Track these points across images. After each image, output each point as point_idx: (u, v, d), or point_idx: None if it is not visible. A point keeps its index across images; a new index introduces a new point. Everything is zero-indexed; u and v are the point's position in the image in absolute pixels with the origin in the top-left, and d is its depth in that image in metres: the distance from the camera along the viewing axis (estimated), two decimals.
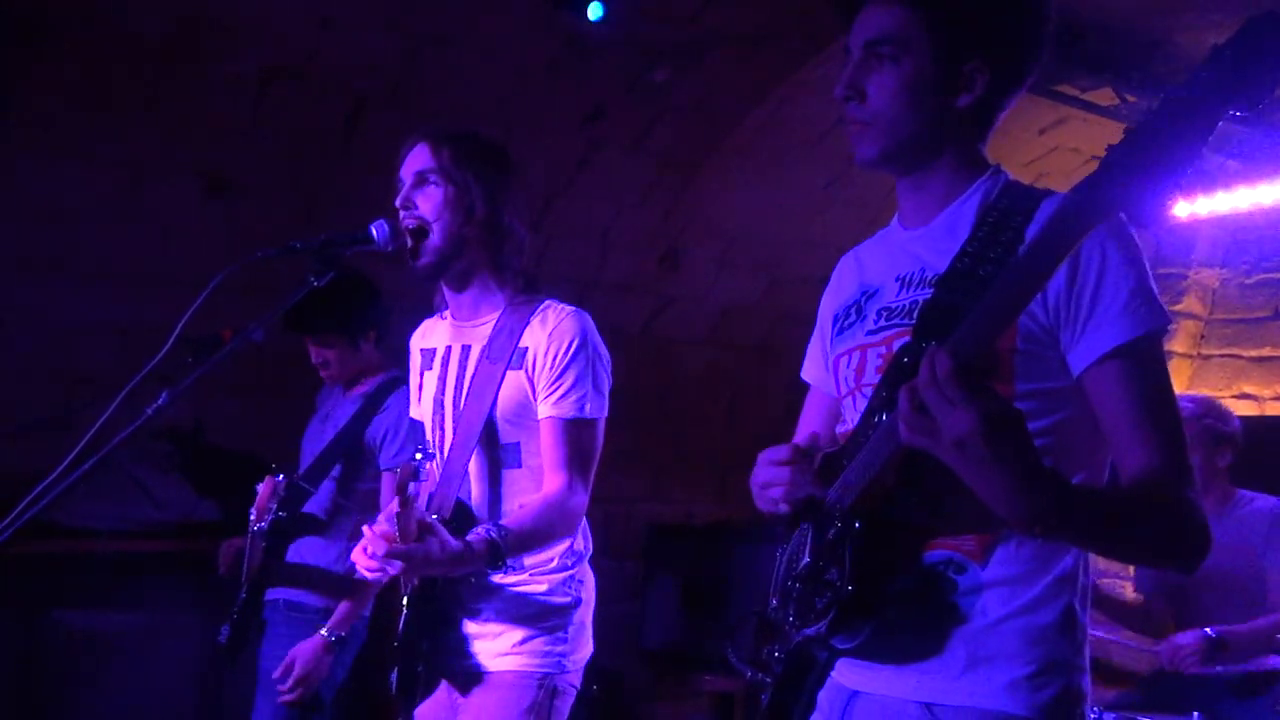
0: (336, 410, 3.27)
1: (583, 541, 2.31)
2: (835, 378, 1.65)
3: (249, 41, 3.41)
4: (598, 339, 2.25)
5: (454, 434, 2.22)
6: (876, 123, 1.50)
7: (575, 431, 2.16)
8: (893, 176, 1.59)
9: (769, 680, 1.54)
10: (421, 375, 2.36)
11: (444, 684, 2.21)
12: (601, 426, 2.23)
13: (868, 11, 1.51)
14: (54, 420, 3.24)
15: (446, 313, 2.34)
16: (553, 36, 3.64)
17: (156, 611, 3.56)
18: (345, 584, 3.03)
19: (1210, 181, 4.89)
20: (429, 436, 2.31)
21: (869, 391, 1.50)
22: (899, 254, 1.57)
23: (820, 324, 1.80)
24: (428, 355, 2.35)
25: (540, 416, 2.16)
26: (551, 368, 2.16)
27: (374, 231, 2.10)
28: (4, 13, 3.07)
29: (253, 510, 2.91)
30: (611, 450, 2.77)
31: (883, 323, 1.54)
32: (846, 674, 1.50)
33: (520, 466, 2.19)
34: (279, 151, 3.76)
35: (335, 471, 3.17)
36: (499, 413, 2.17)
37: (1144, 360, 1.36)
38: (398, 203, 2.19)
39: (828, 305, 1.77)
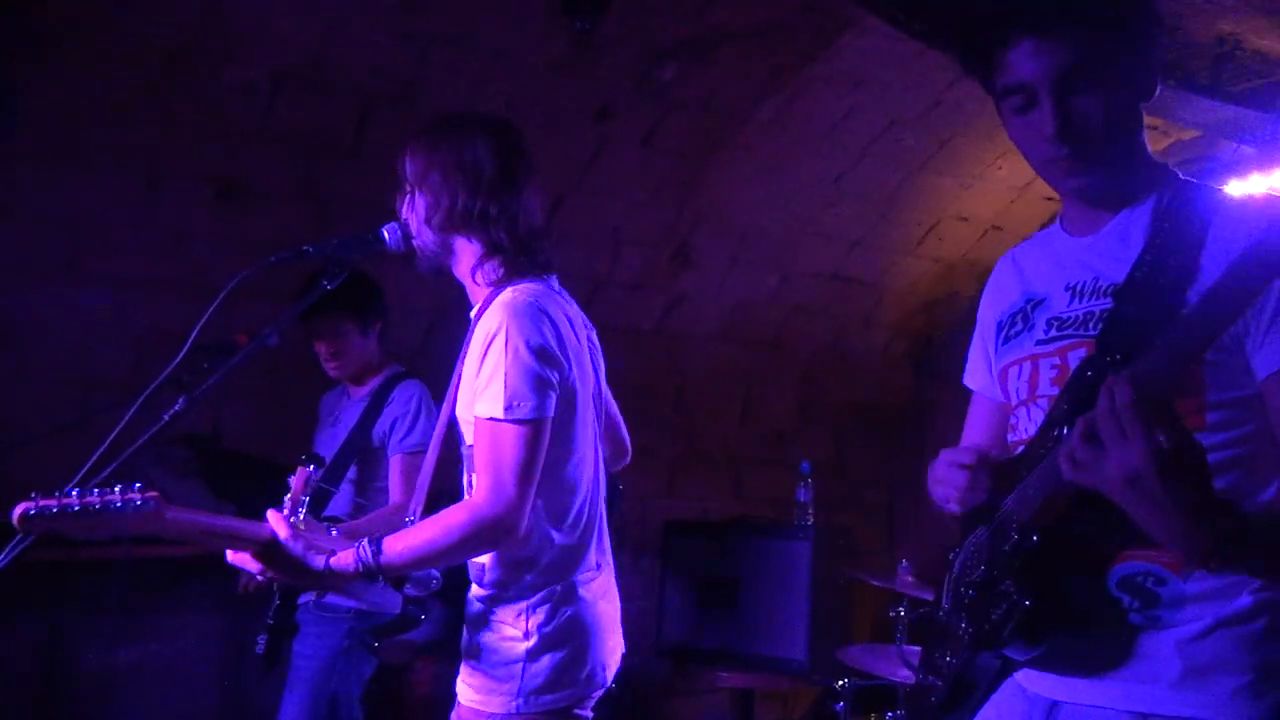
0: (345, 413, 3.30)
1: (561, 568, 2.05)
2: (1004, 387, 1.63)
3: (258, 46, 3.42)
4: (520, 328, 1.95)
5: (437, 429, 2.17)
6: (1088, 153, 1.44)
7: (493, 434, 1.91)
8: (1090, 199, 1.53)
9: (939, 684, 1.52)
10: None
11: None
12: (537, 428, 1.92)
13: (1035, 44, 1.42)
14: (69, 426, 3.25)
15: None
16: (561, 36, 3.64)
17: (177, 617, 3.58)
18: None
19: (1226, 170, 4.86)
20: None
21: (1045, 403, 1.49)
22: (1067, 261, 1.53)
23: (981, 329, 1.76)
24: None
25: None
26: (474, 365, 1.98)
27: (385, 234, 2.11)
28: (15, 21, 3.09)
29: (286, 501, 2.91)
30: None
31: (1054, 333, 1.51)
32: (1040, 683, 1.48)
33: None
34: (289, 155, 3.77)
35: (352, 473, 3.20)
36: (458, 414, 2.06)
37: None
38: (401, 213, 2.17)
39: (988, 311, 1.73)
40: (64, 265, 3.66)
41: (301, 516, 2.16)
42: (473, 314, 2.14)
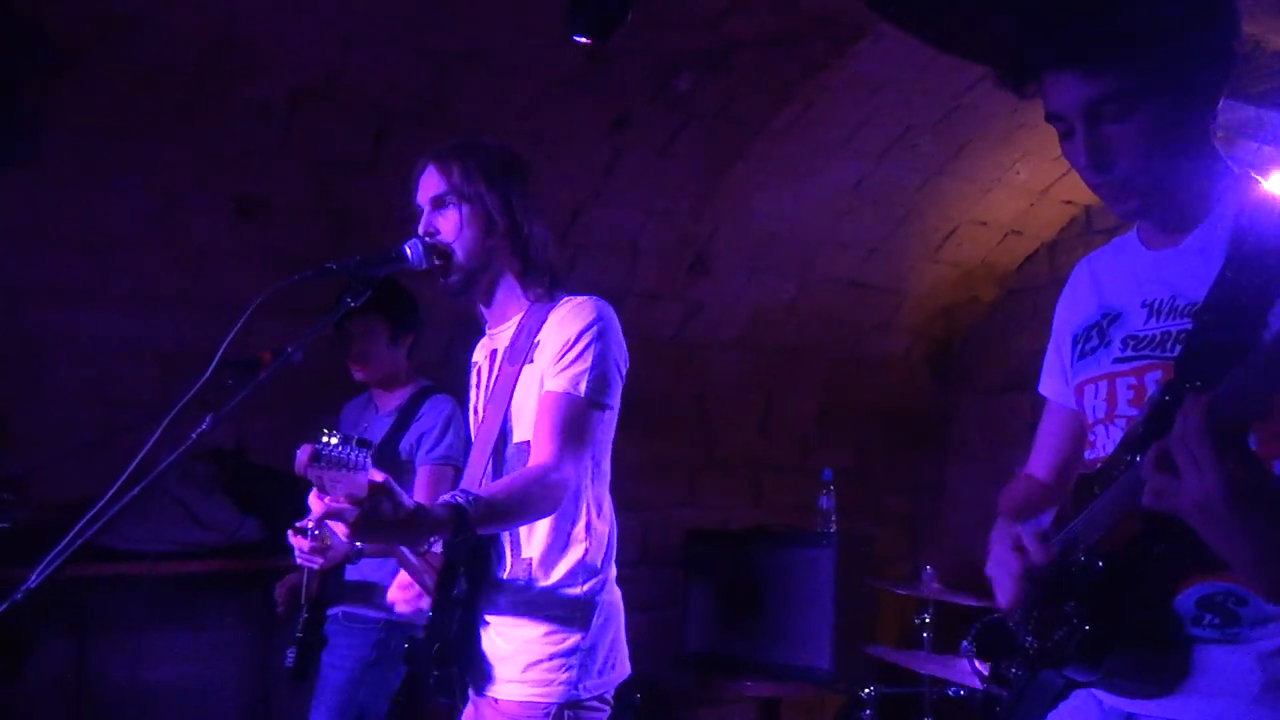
0: (372, 428, 3.31)
1: (601, 557, 2.16)
2: (1080, 402, 1.61)
3: (276, 64, 3.45)
4: (614, 327, 2.17)
5: (476, 439, 2.21)
6: (1132, 181, 1.43)
7: (570, 406, 2.04)
8: (1151, 220, 1.52)
9: (1005, 696, 1.52)
10: (469, 393, 2.37)
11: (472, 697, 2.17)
12: (605, 416, 2.11)
13: (1066, 76, 1.41)
14: (95, 445, 3.28)
15: (486, 327, 2.34)
16: (576, 48, 3.66)
17: (204, 632, 3.60)
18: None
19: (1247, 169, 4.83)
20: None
21: (1123, 422, 1.47)
22: (1144, 276, 1.51)
23: (1057, 339, 1.74)
24: (474, 370, 2.37)
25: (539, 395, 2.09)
26: (558, 348, 2.10)
27: (407, 251, 2.13)
28: (39, 43, 3.13)
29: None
30: (646, 457, 2.78)
31: (1130, 352, 1.49)
32: (1116, 696, 1.47)
33: None
34: (309, 172, 3.80)
35: None
36: (512, 411, 2.14)
37: None
38: (420, 230, 2.20)
39: (1064, 320, 1.71)
40: (87, 284, 3.70)
41: None
42: (504, 329, 2.25)
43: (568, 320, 2.13)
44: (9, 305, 3.62)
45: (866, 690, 3.99)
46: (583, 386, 2.05)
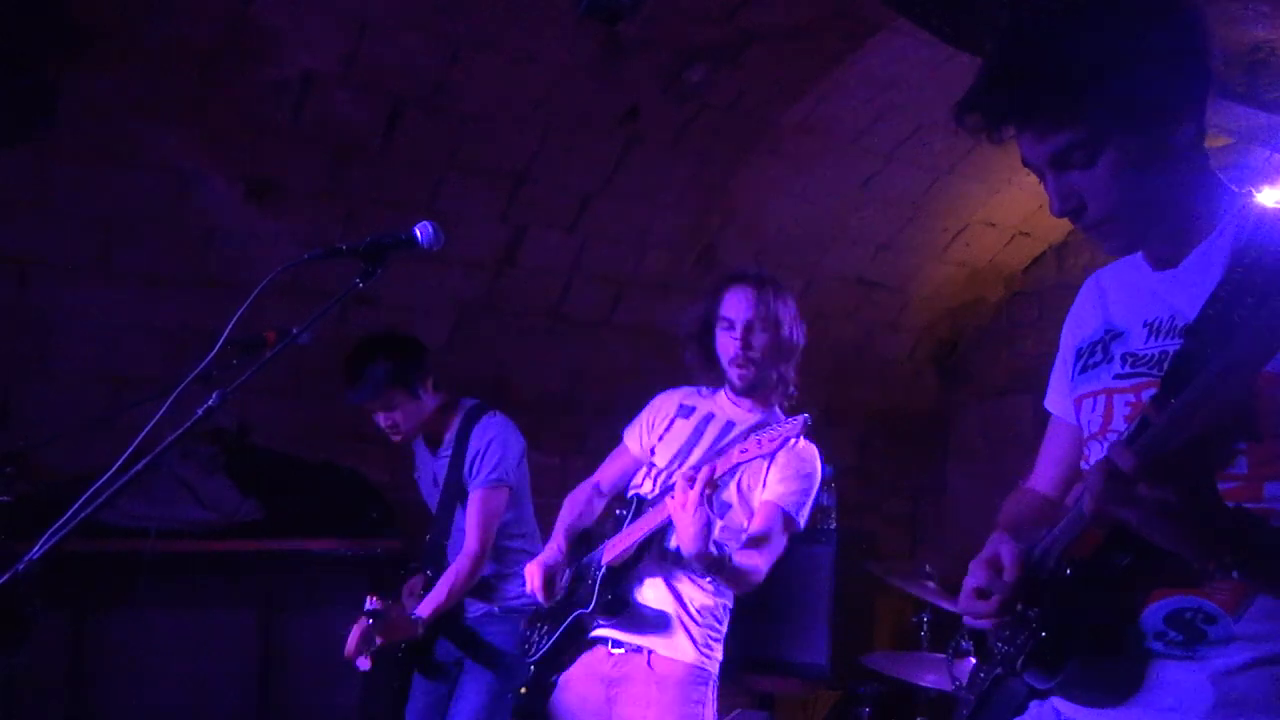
0: (439, 471, 3.37)
1: None
2: (1078, 416, 1.62)
3: (290, 47, 3.44)
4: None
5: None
6: (1110, 221, 1.43)
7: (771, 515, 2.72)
8: (1140, 252, 1.53)
9: (972, 699, 1.53)
10: (673, 420, 2.90)
11: (594, 657, 2.75)
12: None
13: (1025, 134, 1.43)
14: (99, 422, 3.29)
15: (712, 393, 2.92)
16: (589, 37, 3.65)
17: (203, 610, 3.60)
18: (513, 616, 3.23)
19: (1257, 177, 4.82)
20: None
21: (1115, 438, 1.46)
22: (1148, 296, 1.51)
23: (1063, 353, 1.74)
24: (686, 409, 2.92)
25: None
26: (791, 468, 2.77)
27: (418, 233, 2.12)
28: (49, 19, 3.13)
29: (349, 649, 3.07)
30: None
31: (1129, 369, 1.50)
32: (1073, 707, 1.48)
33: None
34: (320, 155, 3.79)
35: (459, 521, 3.29)
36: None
37: None
38: (739, 346, 2.75)
39: (1070, 335, 1.72)
40: (96, 261, 3.70)
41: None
42: (752, 417, 2.81)
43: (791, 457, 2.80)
44: (16, 280, 3.62)
45: (863, 687, 3.99)
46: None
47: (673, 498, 2.45)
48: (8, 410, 3.71)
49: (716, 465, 2.46)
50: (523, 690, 3.00)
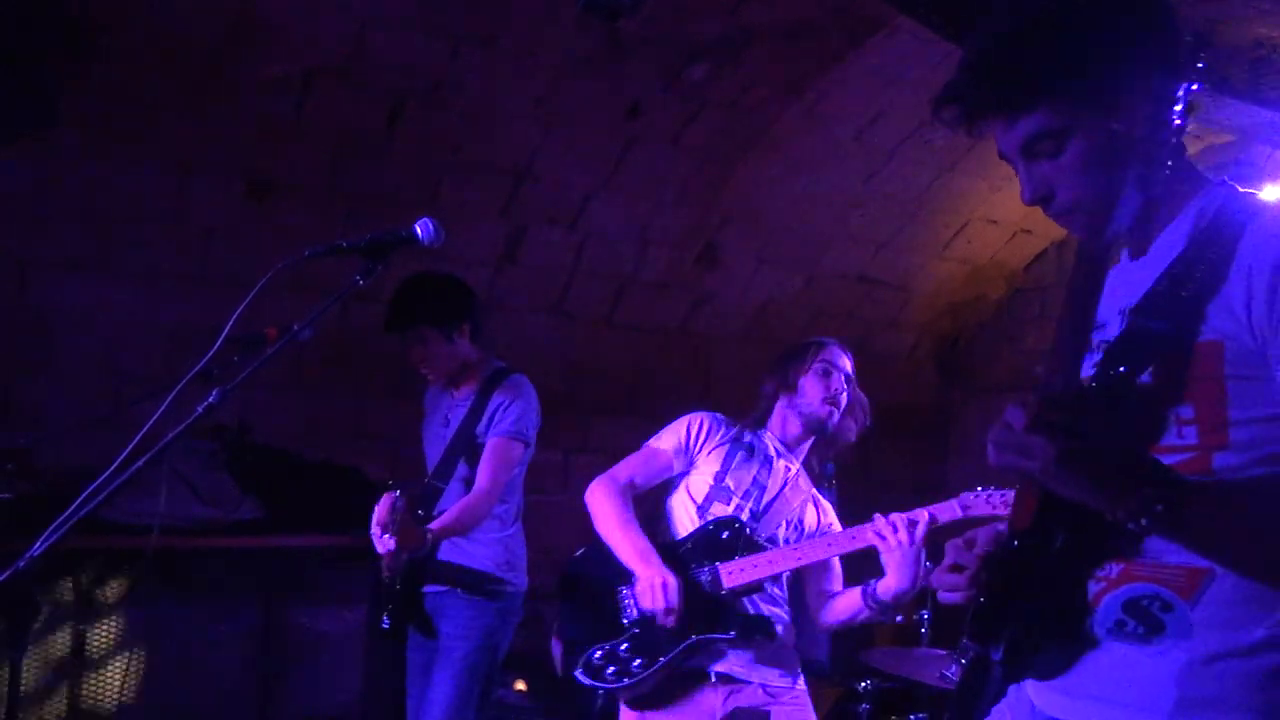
0: (453, 413, 3.36)
1: None
2: None
3: (291, 43, 3.44)
4: None
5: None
6: (1079, 209, 1.45)
7: None
8: (1111, 239, 1.54)
9: (956, 685, 1.54)
10: (729, 448, 2.93)
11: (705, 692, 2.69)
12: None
13: (995, 123, 1.45)
14: (100, 419, 3.29)
15: (758, 435, 2.97)
16: (591, 34, 3.65)
17: (205, 607, 3.61)
18: (490, 579, 3.21)
19: (1259, 174, 4.82)
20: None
21: None
22: (1123, 286, 1.52)
23: None
24: (743, 442, 2.96)
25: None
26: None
27: (418, 230, 2.12)
28: (50, 17, 3.13)
29: (374, 526, 3.03)
30: None
31: (1102, 356, 1.50)
32: (1045, 698, 1.48)
33: None
34: (321, 152, 3.79)
35: (461, 471, 3.27)
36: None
37: None
38: (828, 396, 2.89)
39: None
40: (97, 259, 3.71)
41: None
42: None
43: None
44: (17, 277, 3.63)
45: (864, 683, 3.99)
46: None
47: (884, 537, 2.66)
48: (9, 407, 3.72)
49: (939, 516, 2.61)
50: None
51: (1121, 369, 1.31)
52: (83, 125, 3.39)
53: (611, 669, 2.66)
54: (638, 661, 2.64)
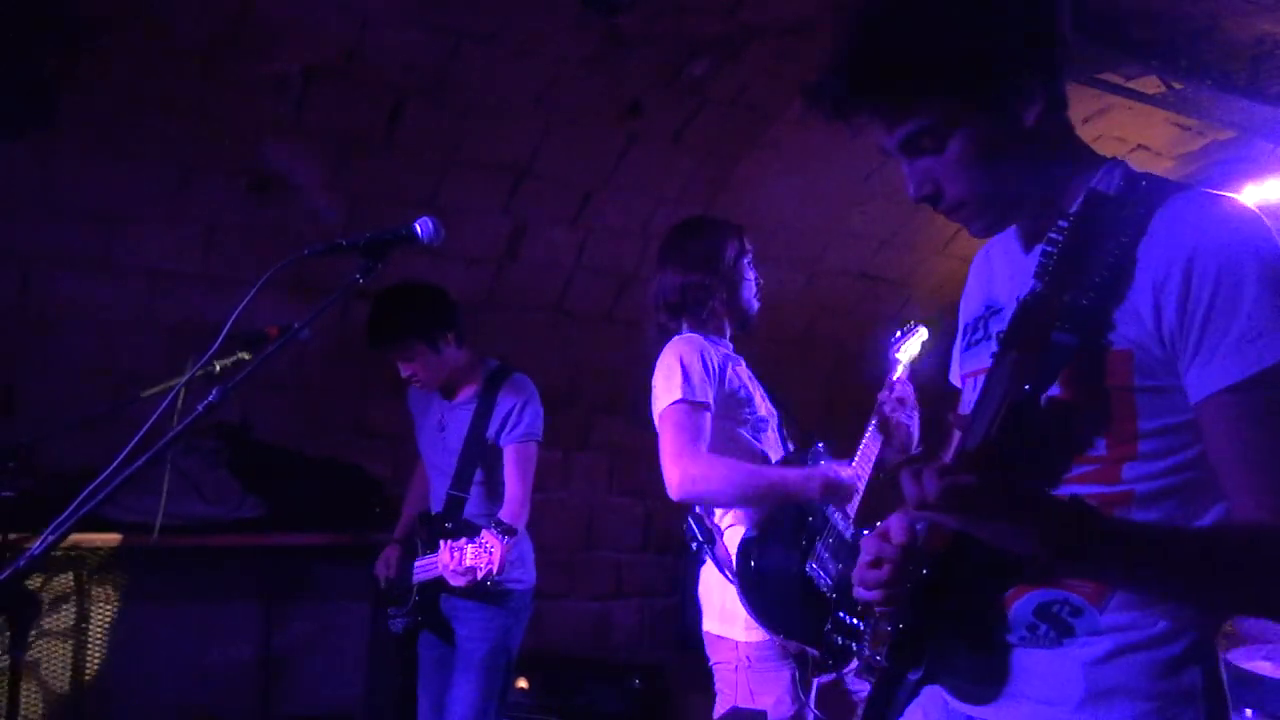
0: (451, 419, 3.36)
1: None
2: (964, 395, 1.63)
3: (291, 41, 3.44)
4: None
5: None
6: (968, 204, 1.41)
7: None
8: (1004, 230, 1.53)
9: (869, 686, 1.53)
10: (732, 369, 2.98)
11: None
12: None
13: (872, 119, 1.41)
14: (101, 417, 3.29)
15: (719, 341, 3.08)
16: (591, 32, 3.65)
17: (207, 605, 3.61)
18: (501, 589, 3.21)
19: (1259, 169, 4.81)
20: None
21: None
22: (1018, 273, 1.49)
23: (960, 327, 1.74)
24: (732, 360, 3.07)
25: None
26: None
27: (418, 228, 2.12)
28: (50, 16, 3.13)
29: (451, 568, 2.97)
30: (652, 443, 2.78)
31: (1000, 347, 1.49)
32: (958, 699, 1.48)
33: None
34: (322, 149, 3.79)
35: (479, 477, 3.28)
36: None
37: (1262, 399, 1.24)
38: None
39: (963, 308, 1.72)
40: (98, 256, 3.71)
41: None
42: None
43: None
44: (18, 275, 3.63)
45: None
46: None
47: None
48: (10, 405, 3.72)
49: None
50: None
51: (1026, 387, 1.26)
52: (83, 125, 3.39)
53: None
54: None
